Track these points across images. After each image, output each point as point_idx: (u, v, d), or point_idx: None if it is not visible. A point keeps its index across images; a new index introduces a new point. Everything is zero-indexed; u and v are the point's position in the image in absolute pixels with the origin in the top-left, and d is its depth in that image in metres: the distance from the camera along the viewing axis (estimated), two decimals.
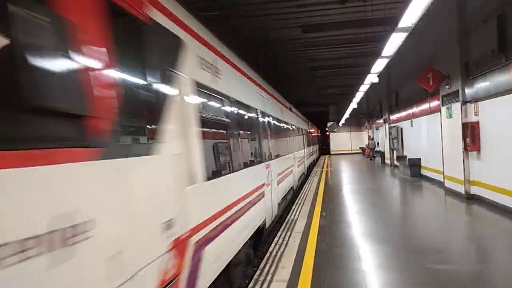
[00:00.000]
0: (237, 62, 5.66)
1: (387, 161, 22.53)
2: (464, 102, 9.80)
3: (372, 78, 10.71)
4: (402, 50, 10.89)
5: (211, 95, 4.10)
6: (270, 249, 5.97)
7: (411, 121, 16.35)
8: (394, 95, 20.23)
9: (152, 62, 2.72)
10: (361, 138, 38.87)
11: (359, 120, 37.07)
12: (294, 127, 14.14)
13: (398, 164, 18.68)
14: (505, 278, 4.53)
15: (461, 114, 9.85)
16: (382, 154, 24.10)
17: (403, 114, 17.92)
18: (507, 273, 4.69)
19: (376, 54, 10.50)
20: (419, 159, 15.24)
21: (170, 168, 2.84)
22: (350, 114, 32.92)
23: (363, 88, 14.07)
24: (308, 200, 10.68)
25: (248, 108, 6.17)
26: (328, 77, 23.82)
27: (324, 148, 42.29)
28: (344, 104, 33.58)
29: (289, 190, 10.63)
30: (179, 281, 2.85)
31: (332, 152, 40.78)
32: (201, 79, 3.73)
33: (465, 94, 9.77)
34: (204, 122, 3.68)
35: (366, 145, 32.89)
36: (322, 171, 20.85)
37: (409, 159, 15.77)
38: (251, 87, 6.73)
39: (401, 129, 18.61)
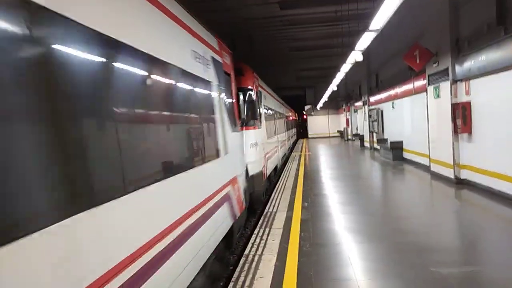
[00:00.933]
0: (269, 90, 14.26)
1: (366, 144, 22.05)
2: (454, 81, 9.10)
3: (355, 56, 9.83)
4: (383, 29, 10.09)
5: (266, 107, 11.71)
6: (246, 251, 5.09)
7: (393, 102, 15.72)
8: (374, 76, 19.59)
9: (259, 103, 9.57)
10: (338, 121, 38.48)
11: (336, 103, 36.56)
12: (284, 115, 21.30)
13: (378, 147, 18.15)
14: None
15: (451, 94, 9.17)
16: (361, 137, 23.62)
17: (383, 95, 17.28)
18: None
19: (360, 31, 9.64)
20: (401, 142, 14.68)
21: (264, 133, 10.30)
22: (328, 97, 32.26)
23: (344, 68, 13.24)
24: (287, 188, 9.87)
25: (272, 109, 14.02)
26: (307, 59, 22.86)
27: (301, 131, 41.84)
28: (322, 87, 32.82)
29: (284, 154, 17.96)
30: (265, 167, 9.46)
31: (310, 136, 40.32)
32: (266, 103, 11.76)
33: (455, 72, 9.06)
34: (265, 118, 11.00)
35: (344, 128, 32.43)
36: (300, 155, 20.12)
37: (390, 142, 15.19)
38: (275, 99, 15.80)
39: (382, 111, 18.01)
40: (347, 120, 31.80)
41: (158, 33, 3.14)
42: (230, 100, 5.82)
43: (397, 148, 14.76)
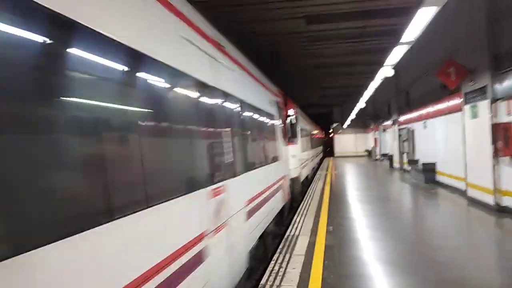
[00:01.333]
0: (303, 114, 17.78)
1: (396, 164, 21.18)
2: (494, 100, 8.46)
3: (385, 71, 9.37)
4: (415, 44, 9.64)
5: (301, 129, 13.66)
6: (263, 280, 4.66)
7: (425, 122, 15.00)
8: (405, 94, 18.89)
9: (297, 123, 11.54)
10: (366, 141, 37.51)
11: (364, 122, 35.70)
12: (313, 134, 23.62)
13: (408, 168, 17.32)
14: None
15: (490, 113, 8.52)
16: (390, 157, 22.75)
17: (415, 114, 16.57)
18: None
19: (391, 46, 9.24)
20: (434, 163, 13.89)
21: (300, 148, 12.85)
22: (356, 115, 31.60)
23: (373, 85, 12.75)
24: (311, 210, 9.38)
25: (305, 130, 16.74)
26: (333, 76, 22.46)
27: (328, 150, 41.12)
28: (349, 105, 32.22)
29: (313, 168, 21.10)
30: (300, 174, 12.26)
31: (336, 155, 39.46)
32: (301, 125, 13.72)
33: (495, 90, 8.43)
34: (300, 137, 13.20)
35: (372, 147, 31.49)
36: (326, 174, 19.51)
37: (422, 163, 14.40)
38: (306, 121, 18.67)
39: (413, 130, 17.25)
40: (375, 139, 30.90)
41: (256, 93, 6.34)
42: (282, 125, 9.03)
43: (429, 170, 13.97)
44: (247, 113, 5.34)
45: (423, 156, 15.36)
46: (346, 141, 39.55)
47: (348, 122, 35.71)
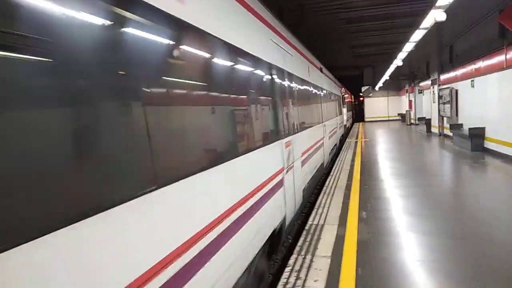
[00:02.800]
0: (344, 89, 25.80)
1: (434, 129, 19.18)
2: None
3: (436, 15, 7.52)
4: None
5: (343, 100, 23.08)
6: None
7: (473, 80, 12.95)
8: (448, 50, 16.58)
9: (344, 97, 23.45)
10: (399, 104, 34.97)
11: (398, 84, 33.07)
12: (347, 101, 26.95)
13: (450, 133, 15.41)
14: None
15: None
16: (427, 122, 20.68)
17: (459, 72, 14.46)
18: None
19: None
20: (483, 128, 12.01)
21: (346, 110, 24.20)
22: (389, 77, 29.12)
23: (415, 37, 10.80)
24: (340, 187, 7.99)
25: (345, 100, 23.68)
26: (364, 33, 20.15)
27: (358, 114, 38.77)
28: (381, 65, 29.65)
29: (350, 123, 31.46)
30: (346, 124, 25.77)
31: (366, 119, 37.20)
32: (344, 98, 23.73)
33: None
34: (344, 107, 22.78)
35: (406, 111, 29.13)
36: (356, 142, 17.86)
37: (469, 128, 12.52)
38: (346, 93, 26.37)
39: (456, 91, 15.16)
40: (410, 102, 28.52)
41: (336, 88, 18.21)
42: (341, 98, 20.72)
43: (477, 135, 12.13)
44: (338, 97, 17.60)
45: (469, 119, 13.44)
46: (378, 105, 37.11)
47: (379, 84, 33.23)
